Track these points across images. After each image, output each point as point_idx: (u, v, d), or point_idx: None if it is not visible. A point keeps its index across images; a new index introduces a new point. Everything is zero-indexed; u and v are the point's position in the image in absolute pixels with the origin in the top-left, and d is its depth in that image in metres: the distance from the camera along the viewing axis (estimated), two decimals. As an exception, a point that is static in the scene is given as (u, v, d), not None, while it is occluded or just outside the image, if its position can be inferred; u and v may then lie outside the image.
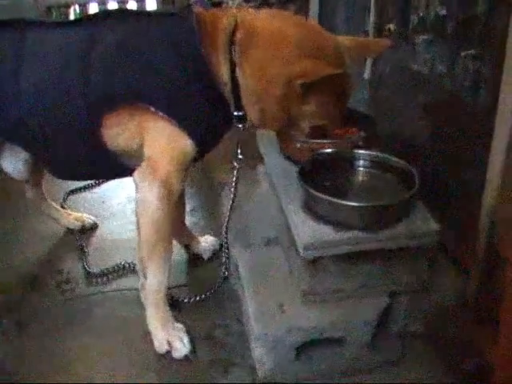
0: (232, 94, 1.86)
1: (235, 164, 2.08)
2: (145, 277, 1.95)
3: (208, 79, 1.82)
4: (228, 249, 2.28)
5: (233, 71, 1.82)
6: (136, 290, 2.05)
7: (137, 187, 1.88)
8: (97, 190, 3.11)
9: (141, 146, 1.89)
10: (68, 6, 4.91)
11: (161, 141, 1.86)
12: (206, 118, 1.87)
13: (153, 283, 1.95)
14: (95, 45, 1.86)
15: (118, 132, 1.89)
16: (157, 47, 1.83)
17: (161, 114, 1.81)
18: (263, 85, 1.80)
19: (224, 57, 1.82)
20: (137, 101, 1.83)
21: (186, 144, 1.86)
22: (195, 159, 1.94)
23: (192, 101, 1.83)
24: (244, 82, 1.83)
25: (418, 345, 1.95)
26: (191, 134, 1.84)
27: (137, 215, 1.90)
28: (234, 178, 2.10)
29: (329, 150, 2.04)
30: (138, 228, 1.91)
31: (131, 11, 2.19)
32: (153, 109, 1.81)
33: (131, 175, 1.91)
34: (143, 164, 1.87)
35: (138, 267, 1.99)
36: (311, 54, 1.77)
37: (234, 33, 1.82)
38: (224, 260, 2.30)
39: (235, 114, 1.90)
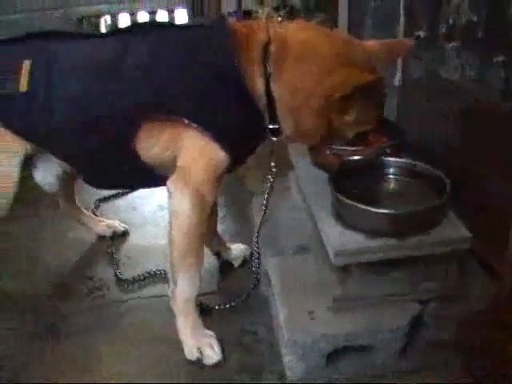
0: (267, 108, 1.86)
1: (269, 176, 2.07)
2: (175, 284, 1.96)
3: (242, 92, 1.81)
4: (259, 256, 2.29)
5: (267, 84, 1.83)
6: (166, 296, 2.06)
7: (170, 196, 1.89)
8: (128, 197, 3.14)
9: (174, 157, 1.90)
10: (99, 17, 4.97)
11: (194, 152, 1.87)
12: (240, 131, 1.87)
13: (183, 291, 1.96)
14: (128, 56, 1.88)
15: (151, 143, 1.91)
16: (190, 59, 1.83)
17: (194, 125, 1.82)
18: (300, 99, 1.80)
19: (259, 70, 1.82)
20: (170, 113, 1.84)
21: (218, 156, 1.86)
22: (228, 170, 1.95)
23: (225, 113, 1.83)
24: (279, 95, 1.83)
25: (448, 352, 1.92)
26: (224, 146, 1.85)
27: (169, 223, 1.91)
28: (267, 190, 2.09)
29: (358, 158, 2.04)
30: (170, 236, 1.92)
31: (165, 23, 2.20)
32: (186, 121, 1.82)
33: (163, 185, 1.93)
34: (176, 173, 1.88)
35: (168, 275, 2.00)
36: (345, 63, 1.77)
37: (267, 45, 1.82)
38: (255, 267, 2.30)
39: (270, 127, 1.90)
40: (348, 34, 2.00)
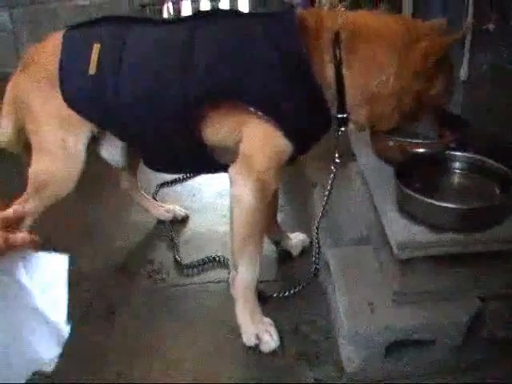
0: (336, 96, 1.86)
1: (332, 167, 2.07)
2: (236, 270, 1.99)
3: (309, 80, 1.81)
4: (319, 246, 2.29)
5: (339, 72, 1.83)
6: (224, 282, 2.09)
7: (232, 182, 1.91)
8: (188, 183, 3.19)
9: (237, 143, 1.92)
10: (162, 4, 5.02)
11: (258, 139, 1.89)
12: (305, 120, 1.87)
13: (243, 277, 1.98)
14: (196, 44, 1.89)
15: (217, 128, 1.93)
16: (258, 46, 1.84)
17: (259, 113, 1.83)
18: (379, 82, 1.81)
19: (329, 58, 1.83)
20: (236, 99, 1.85)
21: (282, 144, 1.87)
22: (291, 159, 1.95)
23: (291, 101, 1.83)
24: (352, 82, 1.83)
25: (507, 350, 1.90)
26: (288, 135, 1.86)
27: (231, 210, 1.93)
28: (330, 181, 2.09)
29: (423, 151, 2.02)
30: (232, 222, 1.94)
31: (231, 11, 2.22)
32: (252, 108, 1.83)
33: (224, 171, 1.95)
34: (239, 160, 1.90)
35: (230, 261, 2.02)
36: (420, 35, 1.80)
37: (338, 33, 1.82)
38: (314, 257, 2.31)
39: (338, 116, 1.90)
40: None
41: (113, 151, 2.31)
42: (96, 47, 1.98)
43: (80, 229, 2.77)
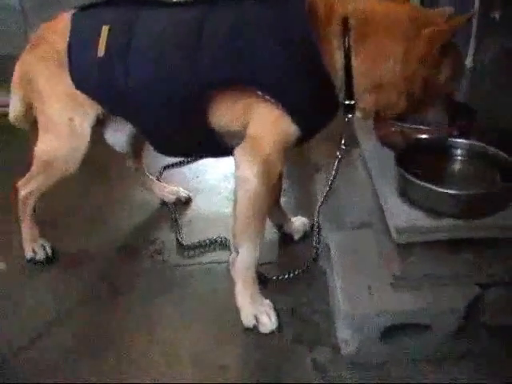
0: (344, 83, 1.86)
1: (338, 153, 2.07)
2: (237, 252, 2.00)
3: (318, 66, 1.81)
4: (319, 230, 2.30)
5: (347, 59, 1.83)
6: (225, 263, 2.10)
7: (237, 164, 1.92)
8: (192, 166, 3.19)
9: (244, 127, 1.92)
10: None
11: (265, 122, 1.89)
12: (312, 105, 1.87)
13: (244, 259, 1.99)
14: (207, 25, 1.88)
15: (224, 112, 1.93)
16: (267, 32, 1.83)
17: (267, 97, 1.83)
18: (387, 68, 1.82)
19: (338, 44, 1.82)
20: (245, 83, 1.85)
21: (289, 128, 1.87)
22: (298, 143, 1.96)
23: (299, 87, 1.83)
24: (361, 69, 1.83)
25: (506, 337, 1.91)
26: (295, 119, 1.86)
27: (235, 191, 1.94)
28: (335, 167, 2.08)
29: (425, 137, 2.03)
30: (235, 204, 1.95)
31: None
32: (259, 92, 1.83)
33: (230, 155, 1.96)
34: (245, 142, 1.91)
35: (230, 242, 2.03)
36: (427, 22, 1.80)
37: (346, 20, 1.82)
38: (315, 240, 2.32)
39: (346, 103, 1.90)
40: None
41: (118, 136, 2.32)
42: (105, 29, 1.98)
43: (85, 210, 2.78)
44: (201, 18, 1.91)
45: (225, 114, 1.93)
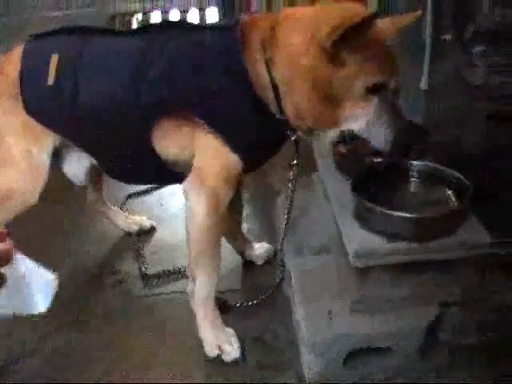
0: (274, 97, 1.83)
1: (291, 173, 2.08)
2: (194, 283, 2.00)
3: (252, 90, 1.81)
4: (283, 256, 2.31)
5: (269, 71, 1.80)
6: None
7: (185, 196, 1.93)
8: (157, 193, 3.18)
9: (192, 157, 1.92)
10: (131, 15, 5.04)
11: (208, 153, 1.89)
12: (253, 133, 1.87)
13: (201, 289, 1.99)
14: (151, 53, 1.91)
15: (168, 142, 1.94)
16: (206, 59, 1.84)
17: (206, 126, 1.84)
18: (292, 68, 1.76)
19: (260, 58, 1.80)
20: (185, 113, 1.86)
21: (230, 158, 1.87)
22: (248, 170, 1.96)
23: (237, 115, 1.84)
24: (279, 76, 1.79)
25: (468, 356, 1.92)
26: (235, 149, 1.85)
27: (186, 223, 1.96)
28: (290, 189, 2.10)
29: (381, 160, 2.04)
30: (187, 235, 1.97)
31: (187, 23, 2.20)
32: (200, 120, 1.84)
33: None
34: (192, 174, 1.91)
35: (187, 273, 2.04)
36: (332, 16, 1.71)
37: (263, 35, 1.81)
38: (278, 266, 2.33)
39: (277, 117, 1.86)
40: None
41: (75, 169, 2.30)
42: (54, 58, 1.99)
43: (46, 240, 2.74)
44: (145, 47, 1.93)
45: (170, 143, 1.94)
